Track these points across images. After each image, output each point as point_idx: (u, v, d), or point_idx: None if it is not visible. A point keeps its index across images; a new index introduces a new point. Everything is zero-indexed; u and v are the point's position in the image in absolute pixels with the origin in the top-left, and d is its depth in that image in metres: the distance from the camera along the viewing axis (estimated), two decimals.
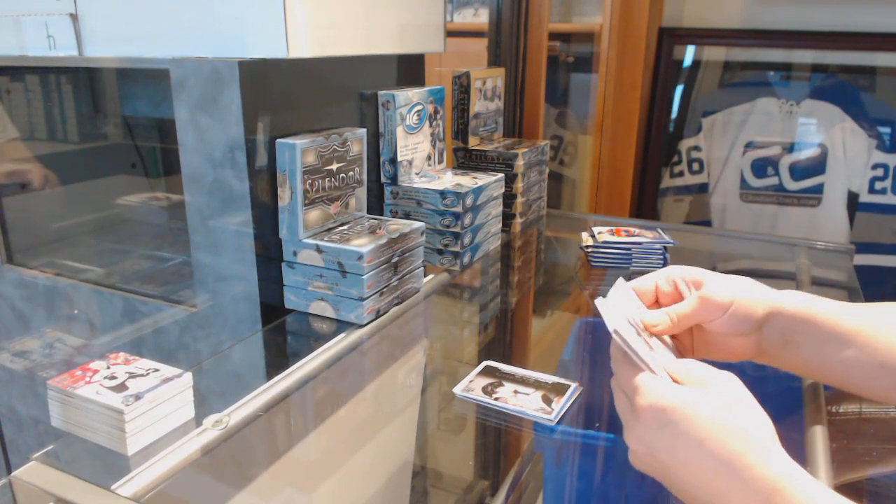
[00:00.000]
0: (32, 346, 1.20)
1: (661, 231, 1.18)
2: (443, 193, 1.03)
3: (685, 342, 0.63)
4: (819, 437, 0.64)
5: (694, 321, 0.59)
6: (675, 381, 0.50)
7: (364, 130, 0.95)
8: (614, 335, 0.51)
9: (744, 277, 0.61)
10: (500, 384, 0.75)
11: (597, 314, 0.56)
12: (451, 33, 1.19)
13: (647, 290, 0.63)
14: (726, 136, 1.85)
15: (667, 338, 0.60)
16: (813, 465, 0.60)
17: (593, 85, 1.84)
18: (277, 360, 0.85)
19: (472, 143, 1.29)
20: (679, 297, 0.61)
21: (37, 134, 1.34)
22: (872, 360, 0.55)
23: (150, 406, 0.63)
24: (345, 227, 0.93)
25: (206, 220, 0.89)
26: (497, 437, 0.96)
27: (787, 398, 0.75)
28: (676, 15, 1.87)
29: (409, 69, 1.14)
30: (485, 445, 0.96)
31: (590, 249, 1.16)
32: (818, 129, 1.76)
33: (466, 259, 1.08)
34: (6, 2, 1.03)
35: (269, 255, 0.89)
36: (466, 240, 1.06)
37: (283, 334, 0.90)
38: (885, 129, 1.70)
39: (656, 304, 0.63)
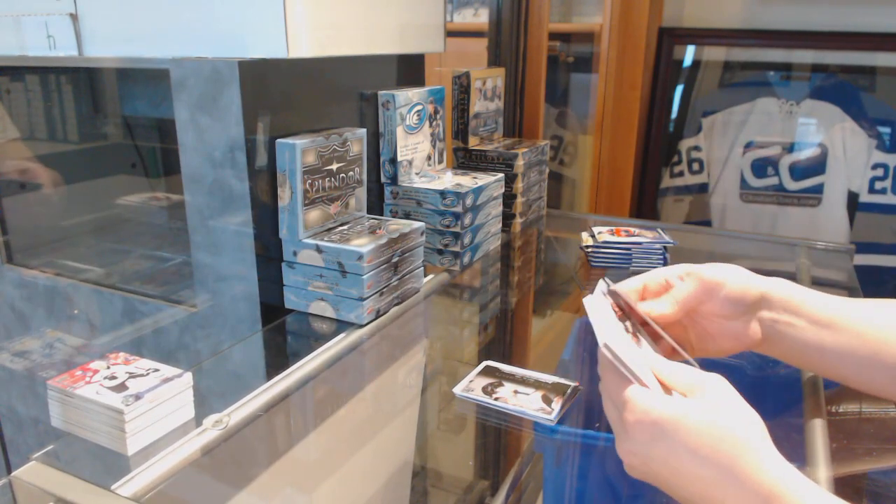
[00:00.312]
0: (32, 346, 1.20)
1: (661, 231, 1.18)
2: (443, 193, 1.03)
3: (681, 337, 0.63)
4: (819, 434, 0.64)
5: (692, 302, 0.61)
6: (662, 384, 0.50)
7: (364, 130, 0.95)
8: (604, 349, 0.50)
9: (734, 265, 0.62)
10: (500, 384, 0.75)
11: None
12: (451, 33, 1.19)
13: (635, 290, 0.63)
14: (726, 136, 1.85)
15: (665, 335, 0.60)
16: (812, 462, 0.60)
17: (593, 85, 1.84)
18: (277, 360, 0.85)
19: (472, 143, 1.29)
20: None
21: (37, 134, 1.34)
22: (864, 347, 0.56)
23: (150, 406, 0.63)
24: (345, 227, 0.93)
25: (206, 220, 0.89)
26: (497, 437, 0.96)
27: (786, 399, 0.75)
28: (676, 15, 1.87)
29: (409, 69, 1.14)
30: (485, 445, 0.96)
31: (590, 249, 1.16)
32: (818, 129, 1.76)
33: (466, 259, 1.08)
34: (6, 2, 1.03)
35: (269, 255, 0.89)
36: (466, 240, 1.06)
37: (283, 334, 0.90)
38: (885, 129, 1.70)
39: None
